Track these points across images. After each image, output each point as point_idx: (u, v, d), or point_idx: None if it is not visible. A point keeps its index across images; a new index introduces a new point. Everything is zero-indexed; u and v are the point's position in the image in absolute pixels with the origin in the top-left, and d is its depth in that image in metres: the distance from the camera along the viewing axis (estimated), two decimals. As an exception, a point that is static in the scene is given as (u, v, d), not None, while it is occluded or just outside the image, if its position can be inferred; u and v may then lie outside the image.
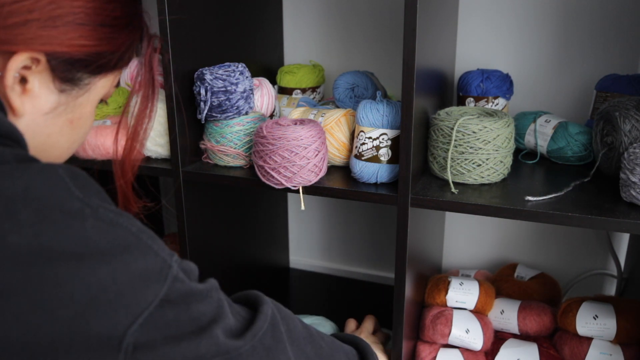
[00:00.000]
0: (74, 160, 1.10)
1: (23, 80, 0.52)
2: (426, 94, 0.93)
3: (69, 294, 0.43)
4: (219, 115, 1.01)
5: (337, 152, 1.00)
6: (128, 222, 0.48)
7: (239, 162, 1.03)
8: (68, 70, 0.52)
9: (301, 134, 0.90)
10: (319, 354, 0.65)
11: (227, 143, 1.02)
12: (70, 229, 0.44)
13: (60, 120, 0.55)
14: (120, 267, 0.45)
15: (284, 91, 1.28)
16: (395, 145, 0.90)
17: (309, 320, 1.20)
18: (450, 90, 1.22)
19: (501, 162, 0.91)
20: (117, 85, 0.58)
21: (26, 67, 0.51)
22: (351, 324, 1.09)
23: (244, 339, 0.53)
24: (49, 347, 0.42)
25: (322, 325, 1.17)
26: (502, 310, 1.08)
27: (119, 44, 0.55)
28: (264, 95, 1.12)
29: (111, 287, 0.44)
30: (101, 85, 0.57)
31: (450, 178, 0.90)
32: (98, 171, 0.65)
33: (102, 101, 0.61)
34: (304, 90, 1.27)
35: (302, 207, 0.97)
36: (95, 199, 0.47)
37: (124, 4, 0.56)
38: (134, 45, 0.59)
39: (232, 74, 1.00)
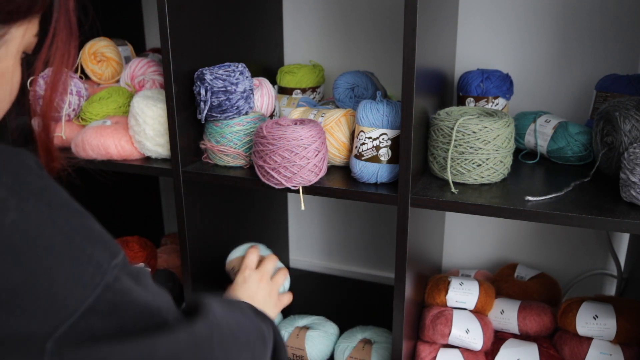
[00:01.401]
0: (73, 159, 1.11)
1: None
2: (426, 94, 0.93)
3: None
4: (219, 115, 1.01)
5: (337, 152, 1.00)
6: (63, 219, 0.43)
7: (239, 162, 1.03)
8: None
9: (301, 134, 0.90)
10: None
11: (227, 143, 1.02)
12: None
13: None
14: (39, 269, 0.40)
15: (284, 91, 1.28)
16: (395, 145, 0.90)
17: (309, 320, 1.20)
18: (450, 90, 1.22)
19: (501, 162, 0.91)
20: (38, 34, 0.54)
21: None
22: (253, 257, 0.98)
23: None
24: None
25: (322, 325, 1.17)
26: (502, 310, 1.08)
27: None
28: (264, 95, 1.12)
29: (27, 291, 0.39)
30: (18, 35, 0.51)
31: (450, 178, 0.90)
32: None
33: (26, 53, 0.54)
34: (304, 90, 1.27)
35: (302, 207, 0.97)
36: (29, 188, 0.42)
37: None
38: None
39: (232, 74, 1.00)
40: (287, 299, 1.00)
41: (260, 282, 0.94)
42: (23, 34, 0.51)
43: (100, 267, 0.43)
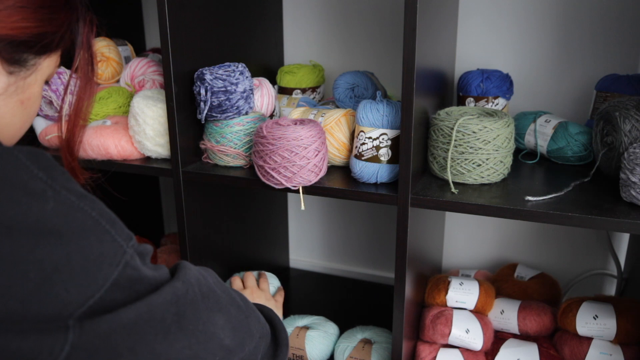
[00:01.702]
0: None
1: None
2: (426, 94, 0.93)
3: (23, 271, 0.44)
4: (219, 115, 1.01)
5: (337, 152, 1.00)
6: (89, 206, 0.49)
7: (239, 162, 1.03)
8: (14, 52, 0.55)
9: (301, 134, 0.90)
10: (244, 305, 0.68)
11: (227, 143, 1.02)
12: (31, 209, 0.45)
13: (12, 101, 0.57)
14: (76, 249, 0.47)
15: (284, 91, 1.28)
16: (395, 145, 0.90)
17: (309, 320, 1.20)
18: (450, 90, 1.22)
19: (501, 162, 0.91)
20: (59, 65, 0.65)
21: None
22: (237, 282, 1.08)
23: (178, 280, 0.56)
24: None
25: (322, 325, 1.17)
26: (502, 310, 1.08)
27: (59, 24, 0.58)
28: (264, 95, 1.12)
29: (65, 268, 0.46)
30: (46, 65, 0.60)
31: (450, 178, 0.90)
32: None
33: (47, 82, 0.63)
34: (304, 90, 1.27)
35: (302, 207, 0.97)
36: (59, 180, 0.49)
37: None
38: (73, 25, 0.62)
39: (232, 74, 1.00)
40: (281, 295, 1.06)
41: (252, 295, 1.00)
42: (51, 65, 0.61)
43: (121, 247, 0.50)
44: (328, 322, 1.19)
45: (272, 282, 1.20)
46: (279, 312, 0.99)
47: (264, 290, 1.04)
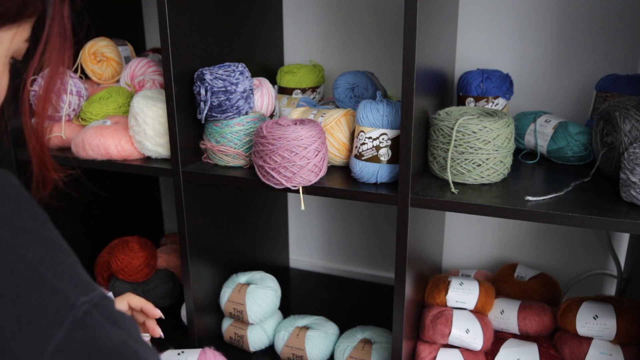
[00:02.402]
0: (73, 160, 1.11)
1: None
2: (426, 94, 0.93)
3: None
4: (219, 115, 1.01)
5: (337, 152, 1.00)
6: (24, 246, 0.39)
7: (239, 162, 1.03)
8: None
9: (301, 134, 0.90)
10: None
11: (227, 143, 1.02)
12: None
13: None
14: (1, 298, 0.36)
15: (284, 91, 1.28)
16: (395, 145, 0.90)
17: (309, 320, 1.20)
18: (450, 90, 1.22)
19: (501, 162, 0.91)
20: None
21: None
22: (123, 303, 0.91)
23: None
24: None
25: (322, 325, 1.17)
26: (502, 310, 1.08)
27: None
28: (264, 95, 1.12)
29: None
30: (6, 39, 0.49)
31: (450, 178, 0.90)
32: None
33: (14, 59, 0.53)
34: (304, 90, 1.27)
35: (302, 207, 0.97)
36: None
37: None
38: None
39: (232, 74, 1.00)
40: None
41: None
42: (12, 38, 0.50)
43: (67, 301, 0.39)
44: (328, 322, 1.19)
45: (271, 285, 1.20)
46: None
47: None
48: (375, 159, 0.92)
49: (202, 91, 0.99)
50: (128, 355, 0.41)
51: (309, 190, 0.94)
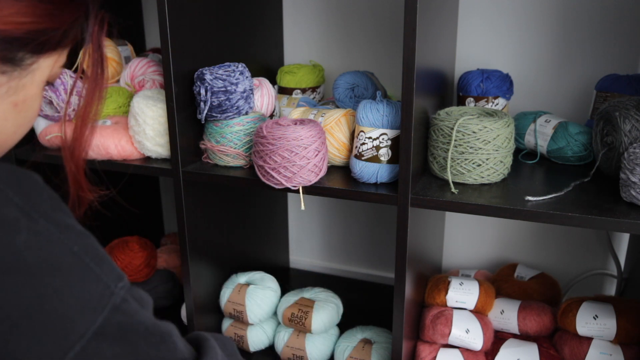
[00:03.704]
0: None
1: None
2: (426, 94, 0.93)
3: None
4: (219, 115, 1.01)
5: (337, 152, 1.00)
6: (70, 239, 0.43)
7: (239, 162, 1.03)
8: (7, 50, 0.48)
9: (301, 134, 0.90)
10: None
11: (227, 143, 1.02)
12: None
13: (4, 104, 0.51)
14: (50, 291, 0.40)
15: (284, 91, 1.28)
16: (395, 145, 0.90)
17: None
18: (450, 90, 1.22)
19: (501, 162, 0.91)
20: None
21: None
22: None
23: None
24: None
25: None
26: (502, 310, 1.08)
27: (62, 20, 0.51)
28: (264, 95, 1.12)
29: (37, 314, 0.39)
30: (46, 65, 0.53)
31: (450, 178, 0.90)
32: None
33: (49, 83, 0.57)
34: (304, 90, 1.27)
35: (302, 207, 0.97)
36: (39, 207, 0.42)
37: None
38: (79, 22, 0.55)
39: (232, 74, 1.00)
40: None
41: None
42: (51, 65, 0.54)
43: (108, 288, 0.43)
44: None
45: (271, 285, 1.21)
46: None
47: None
48: (375, 159, 0.92)
49: (202, 91, 0.99)
50: (158, 334, 0.45)
51: (309, 190, 0.94)
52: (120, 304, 0.43)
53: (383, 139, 0.91)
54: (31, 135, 1.19)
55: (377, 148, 0.91)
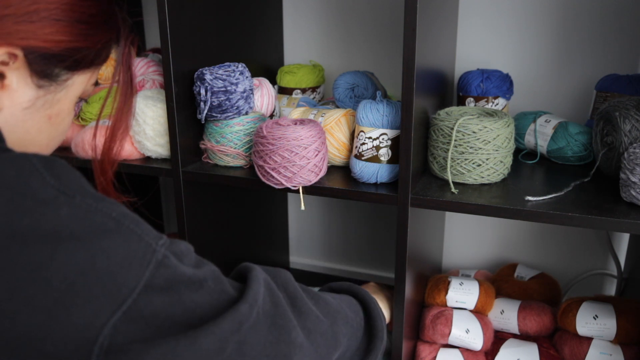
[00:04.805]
0: (74, 160, 1.10)
1: (1, 76, 0.52)
2: (426, 94, 0.93)
3: (45, 279, 0.42)
4: (219, 115, 1.01)
5: (337, 152, 1.00)
6: (108, 207, 0.47)
7: (239, 162, 1.03)
8: (45, 65, 0.53)
9: (301, 134, 0.90)
10: (325, 312, 0.64)
11: (227, 143, 1.02)
12: (45, 217, 0.44)
13: (39, 116, 0.56)
14: (98, 252, 0.44)
15: (284, 91, 1.28)
16: (395, 145, 0.90)
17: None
18: (450, 90, 1.22)
19: (501, 162, 0.91)
20: (96, 84, 0.61)
21: (3, 63, 0.52)
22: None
23: (245, 302, 0.52)
24: (24, 338, 0.42)
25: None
26: (502, 310, 1.08)
27: (95, 40, 0.56)
28: (264, 95, 1.12)
29: (90, 273, 0.43)
30: (79, 81, 0.58)
31: (450, 178, 0.90)
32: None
33: (82, 99, 0.62)
34: (304, 90, 1.27)
35: (302, 207, 0.97)
36: (72, 186, 0.47)
37: (100, 2, 0.57)
38: (111, 44, 0.60)
39: (232, 74, 1.00)
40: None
41: None
42: (84, 82, 0.59)
43: (150, 246, 0.47)
44: None
45: None
46: (387, 312, 0.92)
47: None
48: (375, 159, 0.92)
49: (202, 91, 0.99)
50: (197, 283, 0.50)
51: (309, 190, 0.94)
52: (162, 259, 0.47)
53: (383, 139, 0.91)
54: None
55: (377, 148, 0.91)
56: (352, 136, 0.99)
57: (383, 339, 0.75)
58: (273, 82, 1.29)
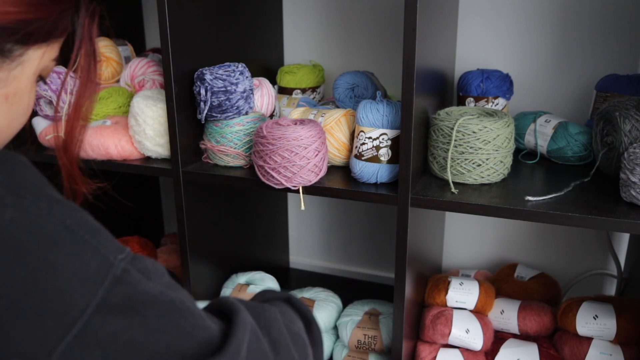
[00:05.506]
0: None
1: None
2: (426, 94, 0.93)
3: None
4: (219, 115, 1.01)
5: (337, 152, 1.00)
6: (62, 213, 0.41)
7: (239, 162, 1.03)
8: None
9: (301, 134, 0.90)
10: (301, 352, 0.57)
11: (227, 143, 1.02)
12: None
13: None
14: (44, 266, 0.38)
15: (284, 91, 1.28)
16: (395, 145, 0.90)
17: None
18: (450, 90, 1.22)
19: (501, 162, 0.91)
20: (57, 61, 0.56)
21: None
22: None
23: (228, 353, 0.44)
24: None
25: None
26: (502, 310, 1.08)
27: (49, 11, 0.50)
28: (264, 95, 1.12)
29: (34, 291, 0.37)
30: (36, 57, 0.52)
31: (450, 178, 0.90)
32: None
33: (42, 79, 0.56)
34: (304, 90, 1.27)
35: (302, 207, 0.97)
36: (26, 186, 0.41)
37: None
38: (68, 14, 0.54)
39: (232, 74, 1.00)
40: None
41: None
42: (41, 57, 0.52)
43: (107, 259, 0.41)
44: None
45: (271, 285, 1.21)
46: None
47: None
48: (375, 159, 0.92)
49: (202, 91, 0.99)
50: (166, 304, 0.42)
51: (309, 190, 0.94)
52: (121, 274, 0.41)
53: (383, 139, 0.91)
54: (28, 134, 1.19)
55: (377, 148, 0.91)
56: (352, 136, 0.99)
57: (323, 343, 0.66)
58: (273, 82, 1.29)
